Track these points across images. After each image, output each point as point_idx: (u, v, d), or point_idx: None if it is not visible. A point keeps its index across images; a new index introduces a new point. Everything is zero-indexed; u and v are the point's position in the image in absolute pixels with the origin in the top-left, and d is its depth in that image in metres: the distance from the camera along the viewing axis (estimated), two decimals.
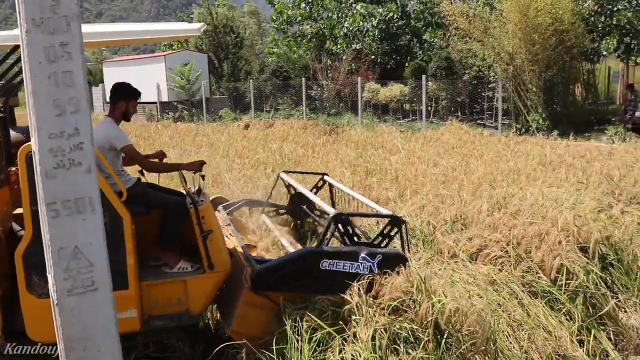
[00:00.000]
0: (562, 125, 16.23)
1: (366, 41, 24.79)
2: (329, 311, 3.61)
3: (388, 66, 24.65)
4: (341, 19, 26.21)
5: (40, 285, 3.26)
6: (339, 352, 3.35)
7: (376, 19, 24.29)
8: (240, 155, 12.11)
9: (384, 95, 21.70)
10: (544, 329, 4.15)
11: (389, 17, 24.23)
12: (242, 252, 4.13)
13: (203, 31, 4.28)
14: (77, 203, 2.49)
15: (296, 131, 17.09)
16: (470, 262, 4.81)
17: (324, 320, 3.53)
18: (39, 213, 2.49)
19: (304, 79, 22.87)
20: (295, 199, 5.73)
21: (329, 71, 23.92)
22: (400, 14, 24.57)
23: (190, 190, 4.00)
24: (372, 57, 24.31)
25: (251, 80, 25.56)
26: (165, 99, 26.69)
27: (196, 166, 4.07)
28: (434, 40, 24.16)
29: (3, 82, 4.39)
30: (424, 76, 19.09)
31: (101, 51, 51.47)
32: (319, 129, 17.62)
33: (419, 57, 24.42)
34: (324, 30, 26.83)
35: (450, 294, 3.75)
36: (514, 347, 3.93)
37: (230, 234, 4.56)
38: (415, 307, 3.55)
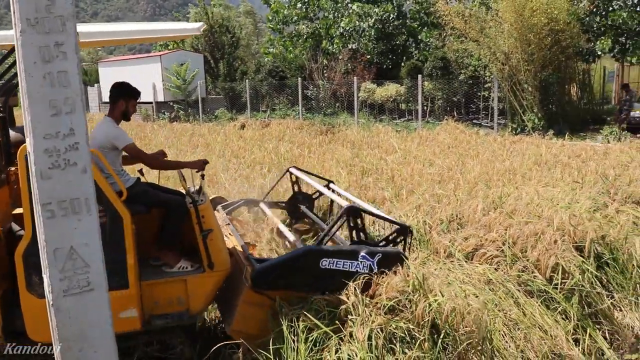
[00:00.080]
0: (558, 125, 16.28)
1: (362, 41, 24.80)
2: (325, 311, 3.61)
3: (384, 66, 24.68)
4: (337, 19, 26.22)
5: (40, 285, 3.25)
6: (336, 351, 3.35)
7: (372, 19, 24.30)
8: (237, 155, 12.11)
9: (380, 95, 21.72)
10: (539, 328, 4.16)
11: (385, 17, 24.25)
12: (242, 251, 4.13)
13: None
14: (72, 203, 2.48)
15: (292, 131, 17.09)
16: (466, 261, 4.82)
17: (320, 320, 3.53)
18: (34, 213, 2.49)
19: (300, 78, 22.88)
20: (295, 198, 5.76)
21: (325, 71, 23.93)
22: (396, 13, 24.59)
23: (190, 189, 4.00)
24: (368, 57, 24.33)
25: (247, 80, 25.55)
26: (161, 99, 26.65)
27: (199, 165, 4.08)
28: (429, 40, 24.21)
29: (2, 82, 4.38)
30: (419, 76, 19.12)
31: (97, 51, 51.38)
32: (315, 128, 17.64)
33: (415, 57, 24.45)
34: (320, 30, 26.84)
35: (447, 293, 3.75)
36: (510, 346, 3.94)
37: (230, 233, 4.56)
38: (412, 306, 3.56)
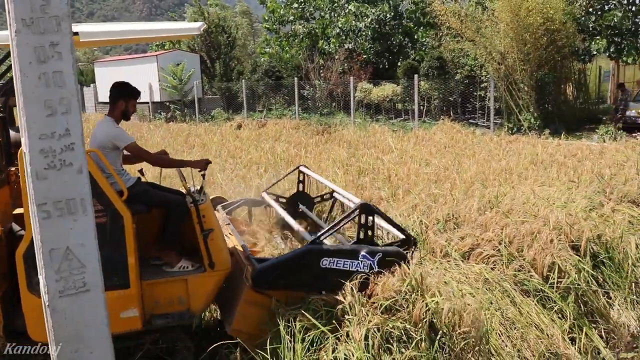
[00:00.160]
0: (554, 125, 16.32)
1: (359, 41, 24.82)
2: (322, 311, 3.61)
3: (380, 66, 24.71)
4: (334, 18, 26.23)
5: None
6: (332, 351, 3.35)
7: (369, 19, 24.32)
8: (233, 155, 12.09)
9: (377, 94, 21.73)
10: (536, 327, 4.17)
11: (381, 16, 24.27)
12: (242, 251, 4.14)
13: None
14: (68, 204, 2.48)
15: (289, 131, 17.09)
16: (462, 261, 4.82)
17: (317, 319, 3.53)
18: (30, 214, 2.48)
19: (296, 78, 22.87)
20: (297, 197, 5.83)
21: (321, 71, 23.93)
22: (392, 13, 24.62)
23: (190, 189, 4.01)
24: (365, 56, 24.35)
25: (243, 80, 25.53)
26: (157, 99, 26.61)
27: (202, 164, 4.08)
28: (426, 40, 24.24)
29: (3, 82, 4.38)
30: (416, 76, 19.13)
31: (92, 51, 51.25)
32: (311, 128, 17.64)
33: (411, 57, 24.48)
34: (316, 30, 26.84)
35: (444, 293, 3.76)
36: (506, 345, 3.94)
37: (230, 233, 4.57)
38: (409, 306, 3.56)
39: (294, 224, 4.69)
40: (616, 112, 16.64)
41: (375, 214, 3.90)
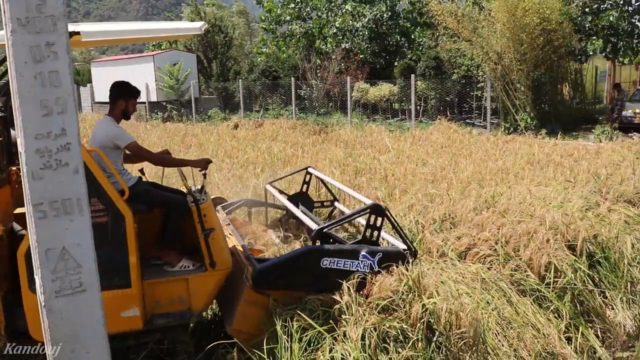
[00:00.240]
0: (550, 124, 16.35)
1: (355, 40, 24.82)
2: (319, 311, 3.61)
3: (377, 66, 24.71)
4: (331, 18, 26.23)
5: None
6: (329, 351, 3.35)
7: (366, 18, 24.33)
8: (230, 155, 12.08)
9: (373, 94, 21.74)
10: (532, 327, 4.18)
11: (378, 16, 24.28)
12: (243, 251, 4.14)
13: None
14: (64, 204, 2.47)
15: (285, 131, 17.09)
16: (459, 261, 4.83)
17: (314, 319, 3.53)
18: (26, 214, 2.47)
19: (293, 78, 22.87)
20: (299, 197, 5.87)
21: (318, 71, 23.93)
22: (389, 13, 24.64)
23: (191, 188, 4.00)
24: (362, 56, 24.36)
25: (240, 80, 25.51)
26: (154, 98, 26.56)
27: (202, 164, 4.08)
28: (422, 40, 24.26)
29: (4, 82, 4.37)
30: (412, 76, 19.16)
31: (89, 51, 51.15)
32: (308, 128, 17.64)
33: (408, 57, 24.49)
34: (313, 29, 26.84)
35: (442, 293, 3.76)
36: (503, 345, 3.95)
37: (230, 233, 4.57)
38: (405, 306, 3.56)
39: (299, 213, 4.67)
40: (612, 112, 16.68)
41: (385, 216, 3.93)
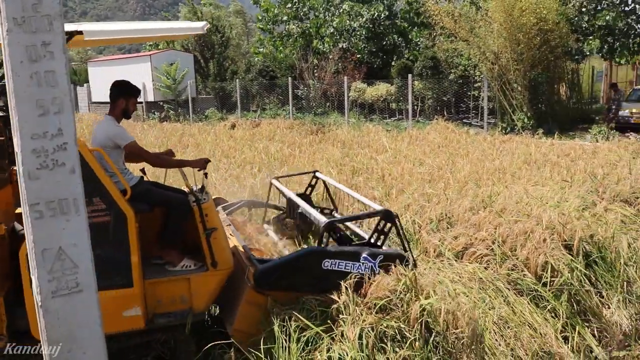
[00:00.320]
0: (547, 124, 16.38)
1: (353, 40, 24.84)
2: (317, 311, 3.61)
3: (374, 65, 24.72)
4: (328, 18, 26.23)
5: None
6: (327, 351, 3.35)
7: (363, 18, 24.34)
8: (227, 155, 12.07)
9: (371, 94, 21.75)
10: (529, 326, 4.18)
11: (375, 16, 24.29)
12: (244, 251, 4.14)
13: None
14: (61, 204, 2.46)
15: (282, 131, 17.08)
16: (456, 260, 4.84)
17: (312, 319, 3.53)
18: (23, 214, 2.47)
19: (290, 78, 22.86)
20: (301, 196, 5.81)
21: (315, 70, 23.93)
22: (386, 13, 24.66)
23: (193, 188, 4.00)
24: (359, 56, 24.37)
25: (237, 80, 25.49)
26: (151, 98, 26.51)
27: (201, 164, 4.08)
28: (420, 40, 24.29)
29: (5, 82, 4.37)
30: (410, 75, 19.17)
31: (86, 50, 51.03)
32: (305, 128, 17.63)
33: (405, 57, 24.52)
34: (310, 29, 26.84)
35: (439, 293, 3.77)
36: (500, 344, 3.95)
37: (231, 234, 4.56)
38: (403, 305, 3.57)
39: (306, 206, 4.65)
40: (609, 111, 16.72)
41: (394, 224, 3.97)
